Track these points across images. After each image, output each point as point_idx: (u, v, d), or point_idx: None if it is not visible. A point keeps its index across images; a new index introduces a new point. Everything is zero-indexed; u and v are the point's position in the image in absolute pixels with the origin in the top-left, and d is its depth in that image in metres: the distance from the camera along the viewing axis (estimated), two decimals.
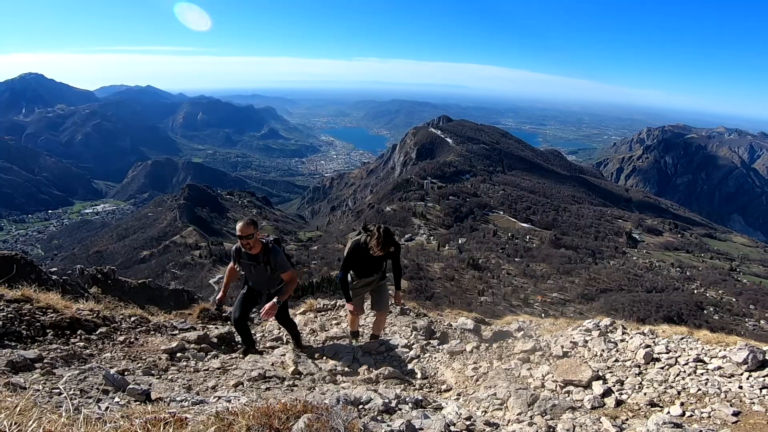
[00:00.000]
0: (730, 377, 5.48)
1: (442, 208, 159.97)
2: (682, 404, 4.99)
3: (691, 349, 6.33)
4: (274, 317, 7.75)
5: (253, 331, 8.48)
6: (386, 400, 4.82)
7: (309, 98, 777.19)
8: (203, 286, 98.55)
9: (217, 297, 8.02)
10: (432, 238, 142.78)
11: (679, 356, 6.15)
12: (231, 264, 7.96)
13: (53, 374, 4.55)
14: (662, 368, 6.01)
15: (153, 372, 5.96)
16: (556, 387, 5.90)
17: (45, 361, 4.82)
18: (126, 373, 5.49)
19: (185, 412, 3.28)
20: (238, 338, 8.09)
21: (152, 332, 7.41)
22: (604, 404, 5.31)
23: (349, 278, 8.14)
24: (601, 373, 6.04)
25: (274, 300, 7.42)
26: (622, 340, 7.01)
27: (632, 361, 6.26)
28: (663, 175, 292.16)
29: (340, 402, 4.25)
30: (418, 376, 6.87)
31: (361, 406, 4.60)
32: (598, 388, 5.63)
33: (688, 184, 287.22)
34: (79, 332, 6.25)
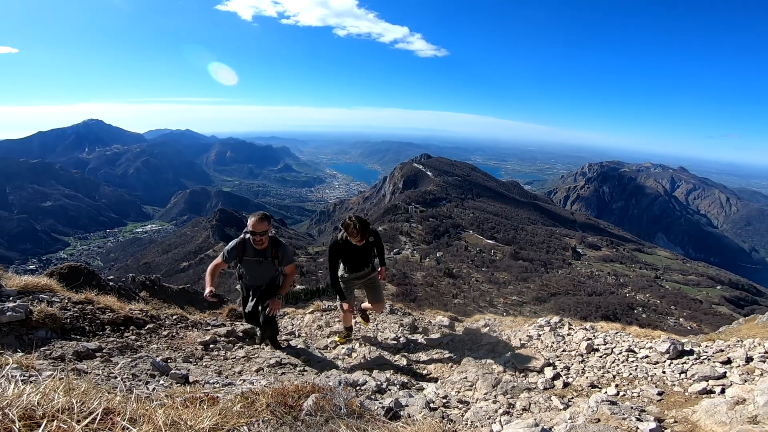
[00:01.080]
0: (655, 364, 5.50)
1: (423, 228, 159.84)
2: (616, 386, 5.00)
3: (624, 341, 6.36)
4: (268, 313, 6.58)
5: None
6: (378, 383, 4.82)
7: (316, 139, 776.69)
8: (231, 291, 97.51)
9: (206, 293, 6.37)
10: (415, 252, 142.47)
11: (615, 347, 6.18)
12: (219, 261, 6.73)
13: (110, 362, 4.54)
14: (601, 357, 6.04)
15: (191, 360, 5.93)
16: (515, 372, 5.90)
17: (104, 351, 4.80)
18: (169, 360, 5.46)
19: (217, 392, 3.28)
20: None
21: (190, 328, 7.38)
22: (554, 386, 5.32)
23: (341, 272, 7.14)
24: (551, 361, 6.06)
25: (276, 297, 6.59)
26: (568, 334, 7.03)
27: (576, 351, 6.28)
28: (601, 201, 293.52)
29: (342, 384, 4.24)
30: (404, 363, 6.86)
31: (358, 387, 4.59)
32: (549, 372, 5.64)
33: (622, 209, 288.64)
34: (131, 328, 6.22)
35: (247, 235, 6.53)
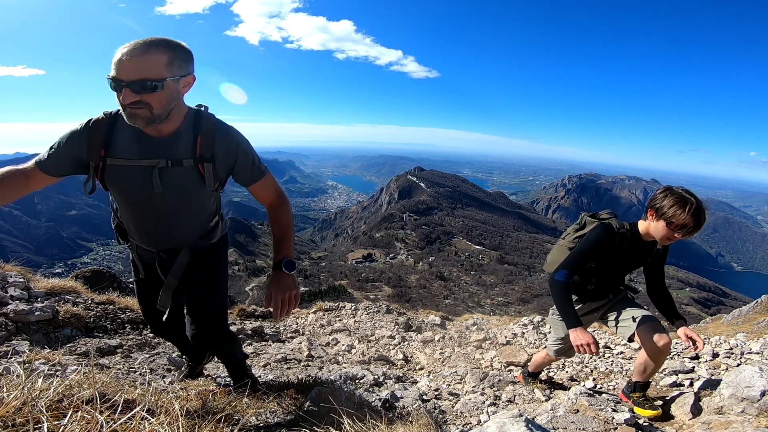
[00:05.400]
0: (629, 359, 5.51)
1: (417, 234, 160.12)
2: (594, 379, 5.01)
3: (600, 339, 6.36)
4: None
5: (278, 326, 7.95)
6: (376, 377, 4.80)
7: (319, 154, 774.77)
8: (241, 293, 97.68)
9: None
10: (409, 256, 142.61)
11: None
12: (30, 163, 2.06)
13: (130, 357, 4.53)
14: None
15: None
16: (501, 367, 5.89)
17: (124, 347, 4.79)
18: (183, 356, 5.45)
19: (228, 385, 3.28)
20: (268, 330, 7.23)
21: None
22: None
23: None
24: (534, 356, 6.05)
25: (290, 272, 2.34)
26: (549, 332, 7.03)
27: None
28: (580, 210, 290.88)
29: (342, 377, 4.23)
30: (400, 358, 6.84)
31: (357, 381, 4.58)
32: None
33: None
34: (149, 326, 6.21)
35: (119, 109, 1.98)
